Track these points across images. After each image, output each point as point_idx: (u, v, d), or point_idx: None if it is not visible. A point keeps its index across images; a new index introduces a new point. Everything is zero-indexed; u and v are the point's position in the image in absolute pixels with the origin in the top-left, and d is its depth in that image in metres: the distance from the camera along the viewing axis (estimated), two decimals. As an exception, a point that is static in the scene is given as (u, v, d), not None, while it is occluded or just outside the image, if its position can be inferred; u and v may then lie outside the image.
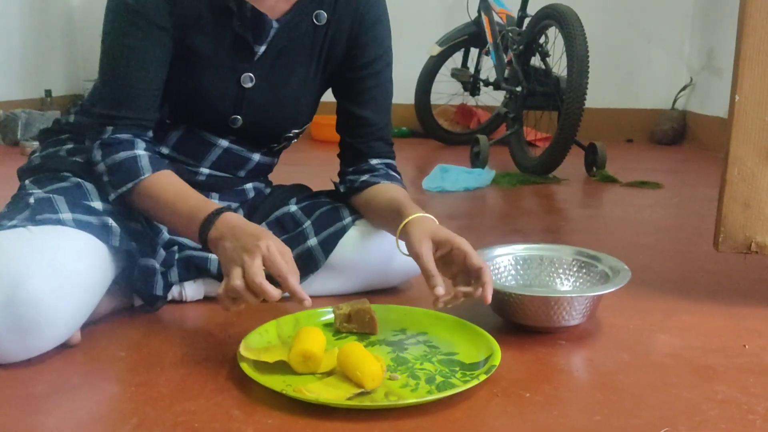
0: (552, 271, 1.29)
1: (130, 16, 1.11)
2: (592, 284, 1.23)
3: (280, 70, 1.22)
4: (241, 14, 1.15)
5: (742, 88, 1.20)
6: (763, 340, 1.14)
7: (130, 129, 1.14)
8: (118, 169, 1.12)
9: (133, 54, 1.12)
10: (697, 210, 2.25)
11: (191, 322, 1.18)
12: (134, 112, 1.14)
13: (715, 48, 3.78)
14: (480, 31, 3.50)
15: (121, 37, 1.12)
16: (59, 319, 0.98)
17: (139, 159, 1.12)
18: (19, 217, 1.07)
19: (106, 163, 1.13)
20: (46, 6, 4.10)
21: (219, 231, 1.02)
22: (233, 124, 1.24)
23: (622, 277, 1.16)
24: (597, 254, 1.27)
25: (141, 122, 1.15)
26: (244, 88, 1.21)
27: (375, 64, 1.27)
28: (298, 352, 0.94)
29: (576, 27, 2.57)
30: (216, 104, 1.21)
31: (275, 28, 1.18)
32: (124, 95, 1.13)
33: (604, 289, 1.13)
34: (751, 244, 1.24)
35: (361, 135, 1.29)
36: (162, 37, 1.13)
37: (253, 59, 1.20)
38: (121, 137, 1.13)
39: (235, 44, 1.18)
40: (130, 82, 1.13)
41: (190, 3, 1.14)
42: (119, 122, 1.13)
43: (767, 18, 1.18)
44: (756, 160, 1.22)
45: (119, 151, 1.12)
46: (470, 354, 1.02)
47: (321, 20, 1.22)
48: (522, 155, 2.95)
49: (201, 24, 1.15)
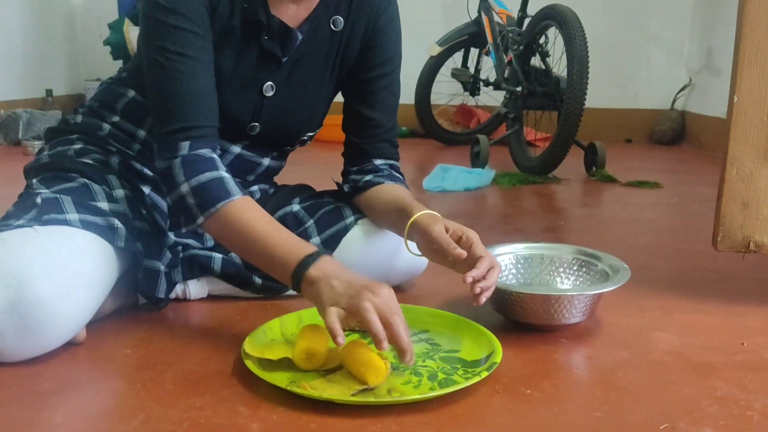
0: (552, 270, 1.30)
1: (177, 21, 1.08)
2: (592, 283, 1.24)
3: (299, 76, 1.23)
4: (270, 28, 1.16)
5: (740, 88, 1.21)
6: (761, 338, 1.16)
7: (207, 142, 1.09)
8: (204, 189, 1.06)
9: (191, 60, 1.08)
10: (695, 209, 2.26)
11: (195, 320, 1.20)
12: (204, 120, 1.09)
13: (714, 48, 3.79)
14: (480, 31, 3.51)
15: (177, 46, 1.08)
16: (64, 318, 0.99)
17: (226, 181, 1.07)
18: (25, 217, 1.08)
19: (191, 184, 1.06)
20: (47, 6, 4.11)
21: (321, 270, 0.98)
22: (251, 132, 1.25)
23: (622, 275, 1.18)
24: (597, 253, 1.28)
25: (213, 132, 1.11)
26: (265, 97, 1.22)
27: (386, 66, 1.27)
28: (302, 349, 0.96)
29: (576, 27, 2.58)
30: (236, 114, 1.21)
31: (300, 39, 1.19)
32: (190, 104, 1.08)
33: (604, 288, 1.15)
34: (750, 243, 1.26)
35: (368, 136, 1.30)
36: (209, 44, 1.12)
37: (276, 69, 1.21)
38: (202, 153, 1.08)
39: (261, 58, 1.19)
40: (194, 89, 1.08)
41: (226, 16, 1.14)
42: (194, 133, 1.08)
43: (766, 19, 1.19)
44: (754, 160, 1.23)
45: (203, 171, 1.06)
46: (472, 351, 1.03)
47: (338, 26, 1.23)
48: (522, 155, 2.96)
49: (231, 39, 1.15)
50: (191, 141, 1.07)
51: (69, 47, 4.34)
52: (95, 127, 1.27)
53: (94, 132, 1.27)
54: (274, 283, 1.25)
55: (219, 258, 1.24)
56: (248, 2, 1.14)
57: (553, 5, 2.74)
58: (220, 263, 1.24)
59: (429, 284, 1.39)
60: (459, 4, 3.85)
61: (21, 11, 3.88)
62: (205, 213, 1.06)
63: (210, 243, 1.30)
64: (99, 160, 1.23)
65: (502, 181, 2.68)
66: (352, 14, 1.24)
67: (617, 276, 1.18)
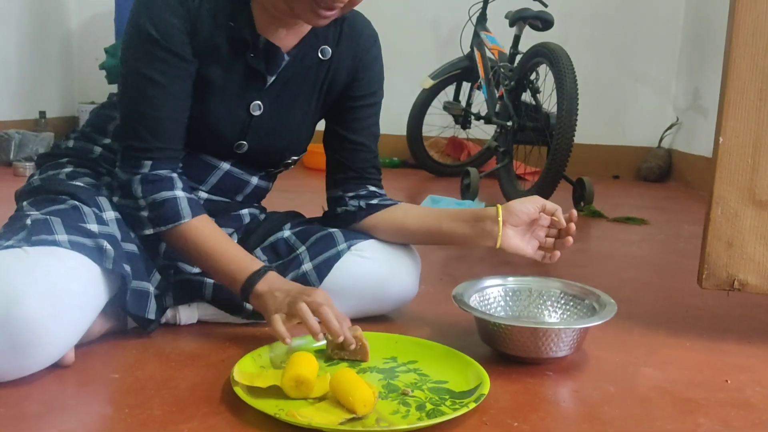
0: (540, 303, 1.31)
1: (153, 48, 1.14)
2: (579, 317, 1.26)
3: (286, 99, 1.27)
4: (255, 47, 1.20)
5: (725, 130, 1.24)
6: (744, 376, 1.17)
7: (167, 163, 1.18)
8: (159, 208, 1.16)
9: (163, 88, 1.15)
10: (682, 247, 2.29)
11: (185, 345, 1.20)
12: (168, 143, 1.17)
13: (701, 88, 3.86)
14: (472, 66, 3.57)
15: (149, 70, 1.14)
16: (52, 338, 0.99)
17: (179, 201, 1.16)
18: (15, 238, 1.08)
19: (147, 201, 1.16)
20: (44, 28, 4.13)
21: (267, 285, 1.13)
22: (238, 150, 1.27)
23: (609, 310, 1.19)
24: (585, 287, 1.30)
25: (176, 154, 1.19)
26: (253, 116, 1.25)
27: (371, 98, 1.34)
28: (291, 376, 0.96)
29: (566, 65, 2.63)
30: (224, 131, 1.24)
31: (286, 60, 1.23)
32: (156, 127, 1.16)
33: (591, 322, 1.16)
34: (734, 281, 1.28)
35: (355, 159, 1.34)
36: (186, 67, 1.17)
37: (263, 88, 1.24)
38: (161, 174, 1.17)
39: (248, 74, 1.22)
40: (163, 115, 1.16)
41: (208, 34, 1.18)
42: (155, 155, 1.16)
43: (751, 63, 1.23)
44: (739, 200, 1.26)
45: (160, 190, 1.16)
46: (460, 382, 1.04)
47: (325, 55, 1.27)
48: (511, 188, 2.99)
49: (216, 55, 1.19)
50: (153, 161, 1.16)
51: (64, 70, 4.36)
52: (87, 151, 1.30)
53: (85, 155, 1.29)
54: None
55: (210, 283, 1.25)
56: (234, 21, 1.18)
57: (545, 43, 2.80)
58: (211, 289, 1.24)
59: (418, 314, 1.40)
60: (452, 38, 3.92)
61: (17, 32, 3.90)
62: (157, 228, 1.18)
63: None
64: (90, 183, 1.24)
65: (491, 214, 2.69)
66: (340, 46, 1.29)
67: (604, 311, 1.20)
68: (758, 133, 1.23)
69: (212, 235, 1.18)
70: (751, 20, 1.22)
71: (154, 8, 1.14)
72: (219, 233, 1.19)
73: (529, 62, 2.92)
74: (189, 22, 1.16)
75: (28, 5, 3.98)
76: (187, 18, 1.15)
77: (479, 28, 3.55)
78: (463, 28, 3.68)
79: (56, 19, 4.26)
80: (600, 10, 4.16)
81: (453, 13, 3.96)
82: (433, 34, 4.28)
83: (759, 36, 1.22)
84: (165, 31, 1.14)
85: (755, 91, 1.23)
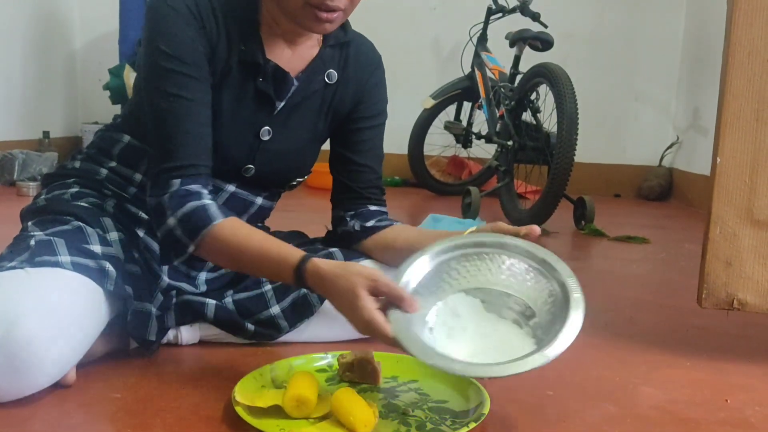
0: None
1: (177, 66, 1.13)
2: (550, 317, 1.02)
3: (294, 123, 1.29)
4: (266, 71, 1.21)
5: (723, 151, 1.26)
6: (744, 395, 1.17)
7: (197, 179, 1.14)
8: (189, 219, 1.11)
9: (191, 104, 1.14)
10: (682, 265, 2.29)
11: (187, 365, 1.20)
12: (197, 160, 1.15)
13: (701, 108, 3.88)
14: (473, 85, 3.60)
15: (174, 88, 1.13)
16: (52, 359, 1.00)
17: (208, 207, 1.13)
18: (18, 259, 1.09)
19: (177, 215, 1.12)
20: (48, 48, 4.17)
21: (313, 282, 1.04)
22: (246, 173, 1.28)
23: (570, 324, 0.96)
24: (550, 261, 1.09)
25: (206, 170, 1.17)
26: (261, 140, 1.26)
27: (375, 119, 1.36)
28: (293, 396, 0.96)
29: (566, 85, 2.65)
30: (233, 155, 1.25)
31: (295, 85, 1.25)
32: (188, 145, 1.14)
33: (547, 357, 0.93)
34: (733, 301, 1.28)
35: (361, 181, 1.35)
36: (206, 86, 1.17)
37: (273, 113, 1.25)
38: (191, 188, 1.13)
39: (257, 99, 1.23)
40: (193, 131, 1.14)
41: (224, 59, 1.19)
42: (186, 172, 1.14)
43: (747, 85, 1.24)
44: (737, 220, 1.26)
45: (188, 202, 1.12)
46: (460, 402, 1.04)
47: (332, 79, 1.29)
48: (512, 207, 3.00)
49: (229, 78, 1.20)
50: (182, 179, 1.13)
51: (68, 90, 4.39)
52: (92, 172, 1.30)
53: (91, 176, 1.30)
54: (265, 329, 1.27)
55: (212, 304, 1.25)
56: (246, 45, 1.19)
57: (545, 63, 2.82)
58: (213, 309, 1.25)
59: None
60: (453, 59, 3.96)
61: (22, 52, 3.94)
62: (194, 241, 1.12)
63: (203, 288, 1.31)
64: (94, 204, 1.25)
65: (492, 233, 2.70)
66: (346, 71, 1.31)
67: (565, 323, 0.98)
68: (755, 154, 1.25)
69: (249, 233, 1.12)
70: (747, 41, 1.24)
71: (171, 28, 1.14)
72: (254, 230, 1.14)
73: (529, 82, 2.94)
74: (209, 42, 1.16)
75: (33, 25, 4.02)
76: (206, 38, 1.16)
77: (480, 49, 3.59)
78: (463, 48, 3.72)
79: (60, 39, 4.31)
80: (599, 30, 4.20)
81: (454, 34, 4.00)
82: (434, 54, 4.31)
83: (755, 57, 1.24)
84: (184, 49, 1.14)
85: (751, 111, 1.24)
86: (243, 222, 1.17)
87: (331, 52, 1.28)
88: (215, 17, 1.17)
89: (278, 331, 1.27)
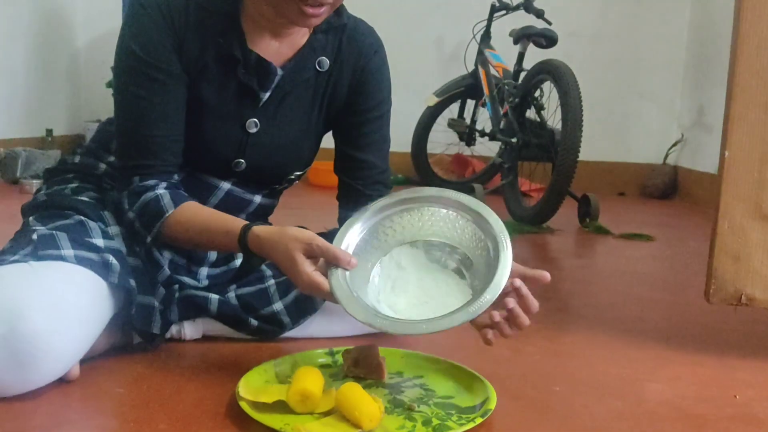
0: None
1: (141, 66, 1.14)
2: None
3: (284, 114, 1.25)
4: (246, 62, 1.19)
5: (731, 144, 1.24)
6: (752, 391, 1.16)
7: (157, 176, 1.17)
8: (144, 211, 1.16)
9: (150, 105, 1.15)
10: (688, 263, 2.28)
11: (190, 360, 1.19)
12: (158, 161, 1.17)
13: (705, 105, 3.87)
14: (477, 83, 3.58)
15: (135, 88, 1.15)
16: (57, 352, 0.99)
17: (161, 197, 1.15)
18: (21, 253, 1.09)
19: (134, 210, 1.16)
20: (51, 46, 4.17)
21: (256, 250, 1.09)
22: (236, 168, 1.26)
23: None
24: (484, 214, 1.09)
25: (166, 168, 1.18)
26: (249, 133, 1.24)
27: (375, 110, 1.30)
28: (297, 391, 0.96)
29: (570, 82, 2.64)
30: (220, 149, 1.23)
31: (279, 75, 1.21)
32: (145, 146, 1.16)
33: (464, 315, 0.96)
34: (741, 296, 1.27)
35: (363, 177, 1.31)
36: (175, 84, 1.16)
37: (258, 105, 1.23)
38: (148, 184, 1.17)
39: (240, 92, 1.21)
40: (151, 132, 1.16)
41: (196, 53, 1.17)
42: (144, 171, 1.17)
43: (756, 77, 1.23)
44: (745, 214, 1.25)
45: (143, 195, 1.16)
46: (466, 398, 1.03)
47: (323, 67, 1.25)
48: (516, 205, 2.99)
49: (207, 73, 1.19)
50: (140, 176, 1.17)
51: (71, 88, 4.39)
52: (92, 167, 1.30)
53: (90, 171, 1.30)
54: (268, 325, 1.26)
55: (215, 299, 1.25)
56: (223, 37, 1.18)
57: (549, 60, 2.81)
58: (216, 304, 1.24)
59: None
60: (456, 56, 3.94)
61: (25, 51, 3.93)
62: (151, 233, 1.16)
63: (205, 282, 1.30)
64: (95, 198, 1.25)
65: (496, 230, 2.69)
66: (339, 57, 1.26)
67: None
68: (764, 147, 1.24)
69: (196, 214, 1.16)
70: (755, 34, 1.23)
71: (139, 27, 1.15)
72: (203, 210, 1.18)
73: (533, 79, 2.93)
74: (176, 39, 1.15)
75: (36, 24, 4.01)
76: (174, 35, 1.15)
77: (483, 46, 3.57)
78: (467, 45, 3.70)
79: (64, 37, 4.30)
80: (604, 27, 4.18)
81: (457, 31, 3.99)
82: (438, 51, 4.30)
83: (764, 50, 1.23)
84: (149, 48, 1.14)
85: (760, 104, 1.23)
86: (195, 204, 1.19)
87: (323, 38, 1.24)
88: (187, 14, 1.16)
89: (281, 327, 1.26)
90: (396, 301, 1.05)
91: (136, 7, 1.16)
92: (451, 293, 1.05)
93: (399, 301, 1.05)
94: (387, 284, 1.08)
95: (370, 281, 1.08)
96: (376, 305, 1.02)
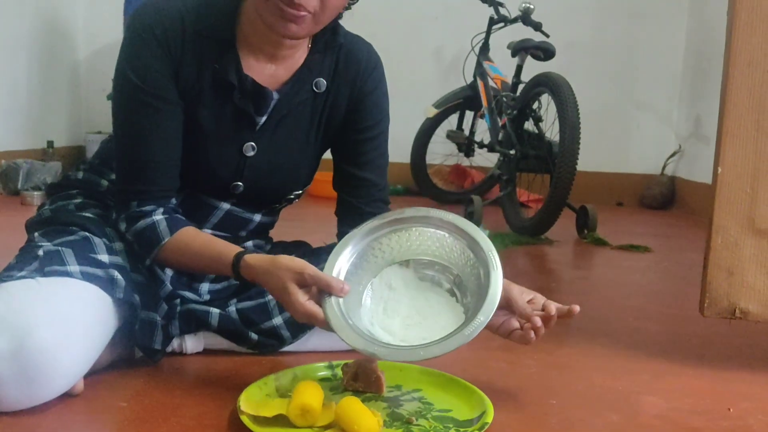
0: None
1: (138, 94, 1.16)
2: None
3: (281, 137, 1.26)
4: (242, 87, 1.20)
5: (724, 160, 1.26)
6: (747, 404, 1.17)
7: (153, 201, 1.20)
8: (140, 238, 1.19)
9: (147, 130, 1.17)
10: (684, 274, 2.30)
11: (191, 374, 1.21)
12: (155, 185, 1.19)
13: (702, 116, 3.89)
14: (475, 95, 3.61)
15: (133, 115, 1.17)
16: (64, 368, 1.01)
17: (158, 225, 1.18)
18: (28, 269, 1.10)
19: (130, 234, 1.20)
20: (52, 59, 4.19)
21: (249, 278, 1.13)
22: (234, 190, 1.28)
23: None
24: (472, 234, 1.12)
25: (164, 193, 1.21)
26: (246, 157, 1.25)
27: (375, 128, 1.31)
28: (297, 405, 0.97)
29: (568, 94, 2.67)
30: (218, 172, 1.25)
31: (276, 99, 1.22)
32: (143, 171, 1.18)
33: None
34: (735, 310, 1.29)
35: (363, 195, 1.32)
36: (172, 110, 1.18)
37: (255, 129, 1.24)
38: (145, 209, 1.19)
39: (237, 116, 1.22)
40: (148, 157, 1.18)
41: (192, 79, 1.19)
42: (142, 196, 1.19)
43: (748, 94, 1.25)
44: (738, 229, 1.27)
45: (139, 221, 1.19)
46: (464, 411, 1.05)
47: (320, 88, 1.26)
48: (515, 216, 3.00)
49: (203, 98, 1.20)
50: (138, 201, 1.19)
51: (72, 100, 4.41)
52: (95, 184, 1.32)
53: (94, 188, 1.31)
54: (268, 339, 1.27)
55: (216, 313, 1.26)
56: (219, 63, 1.19)
57: (546, 73, 2.84)
58: (217, 318, 1.26)
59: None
60: (455, 68, 3.97)
61: (27, 63, 3.95)
62: (150, 256, 1.20)
63: (206, 297, 1.32)
64: (99, 214, 1.26)
65: (494, 242, 2.69)
66: (336, 77, 1.27)
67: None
68: (756, 163, 1.25)
69: (193, 241, 1.19)
70: (747, 52, 1.25)
71: (135, 53, 1.16)
72: (199, 235, 1.21)
73: (531, 91, 2.95)
74: (172, 65, 1.17)
75: (37, 36, 4.04)
76: (170, 61, 1.16)
77: (482, 58, 3.60)
78: (466, 57, 3.73)
79: (65, 49, 4.33)
80: (601, 39, 4.21)
81: (456, 43, 4.02)
82: (437, 63, 4.33)
83: (755, 67, 1.25)
84: (146, 76, 1.15)
85: (752, 121, 1.25)
86: (191, 231, 1.21)
87: (319, 58, 1.25)
88: (183, 40, 1.17)
89: (281, 341, 1.28)
90: (390, 323, 1.07)
91: (133, 32, 1.17)
92: (443, 312, 1.08)
93: (393, 322, 1.07)
94: (379, 306, 1.10)
95: (363, 304, 1.10)
96: (371, 329, 1.04)
